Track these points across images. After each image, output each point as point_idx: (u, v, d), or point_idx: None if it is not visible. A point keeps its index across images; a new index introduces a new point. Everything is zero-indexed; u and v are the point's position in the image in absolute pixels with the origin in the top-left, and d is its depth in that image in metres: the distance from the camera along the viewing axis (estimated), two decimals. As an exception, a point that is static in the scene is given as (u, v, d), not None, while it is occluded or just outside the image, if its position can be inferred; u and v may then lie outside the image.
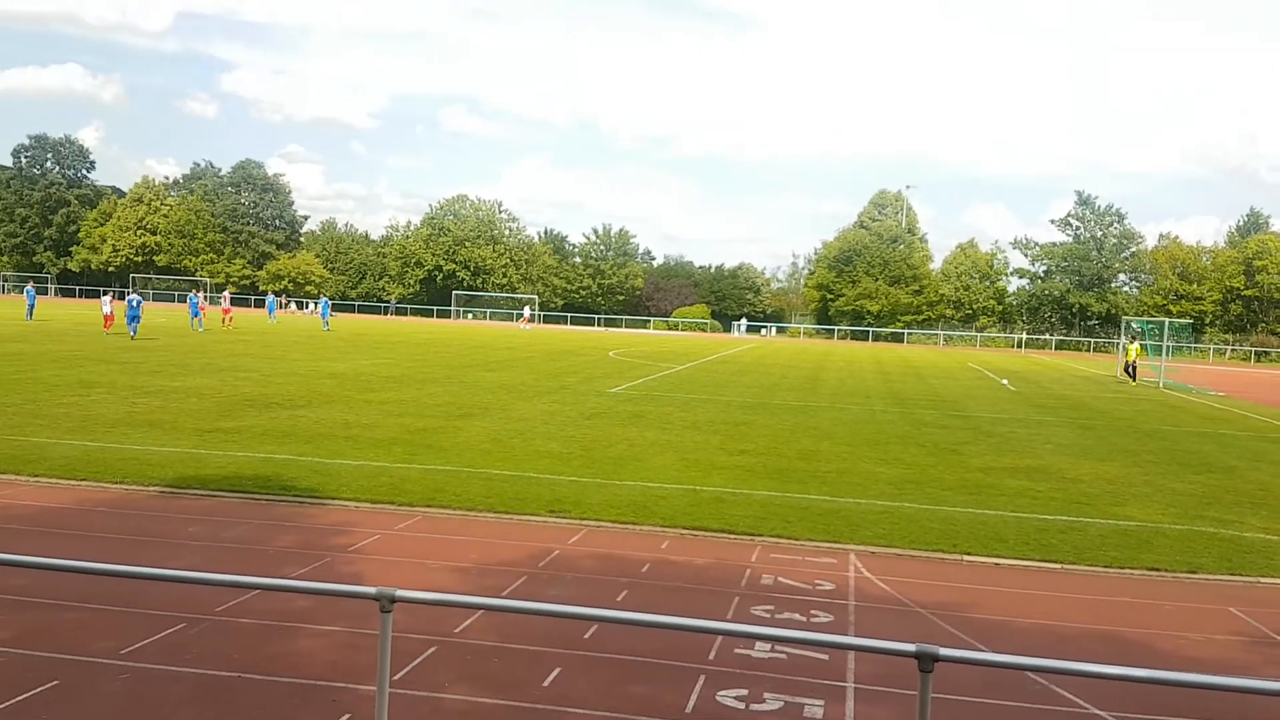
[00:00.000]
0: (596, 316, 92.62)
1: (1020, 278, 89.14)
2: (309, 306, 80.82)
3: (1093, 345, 78.44)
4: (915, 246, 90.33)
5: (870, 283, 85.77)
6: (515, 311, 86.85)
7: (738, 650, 6.45)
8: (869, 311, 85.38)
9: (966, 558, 9.22)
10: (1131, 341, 40.31)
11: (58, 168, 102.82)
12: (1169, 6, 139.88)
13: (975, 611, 7.65)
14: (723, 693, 5.83)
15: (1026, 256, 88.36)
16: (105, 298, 39.09)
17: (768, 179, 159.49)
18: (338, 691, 5.57)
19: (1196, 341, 73.23)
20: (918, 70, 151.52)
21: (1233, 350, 76.25)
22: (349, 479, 11.18)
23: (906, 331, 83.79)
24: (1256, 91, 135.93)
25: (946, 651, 3.56)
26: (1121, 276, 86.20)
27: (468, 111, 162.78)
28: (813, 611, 7.46)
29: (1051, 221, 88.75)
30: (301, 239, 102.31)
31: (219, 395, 18.36)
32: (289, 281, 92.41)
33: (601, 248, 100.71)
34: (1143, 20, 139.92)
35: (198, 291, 51.68)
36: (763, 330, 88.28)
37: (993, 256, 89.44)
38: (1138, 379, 36.73)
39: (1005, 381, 34.78)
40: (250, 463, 11.91)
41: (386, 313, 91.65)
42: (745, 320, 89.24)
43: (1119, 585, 8.66)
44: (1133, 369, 37.27)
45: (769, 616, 7.29)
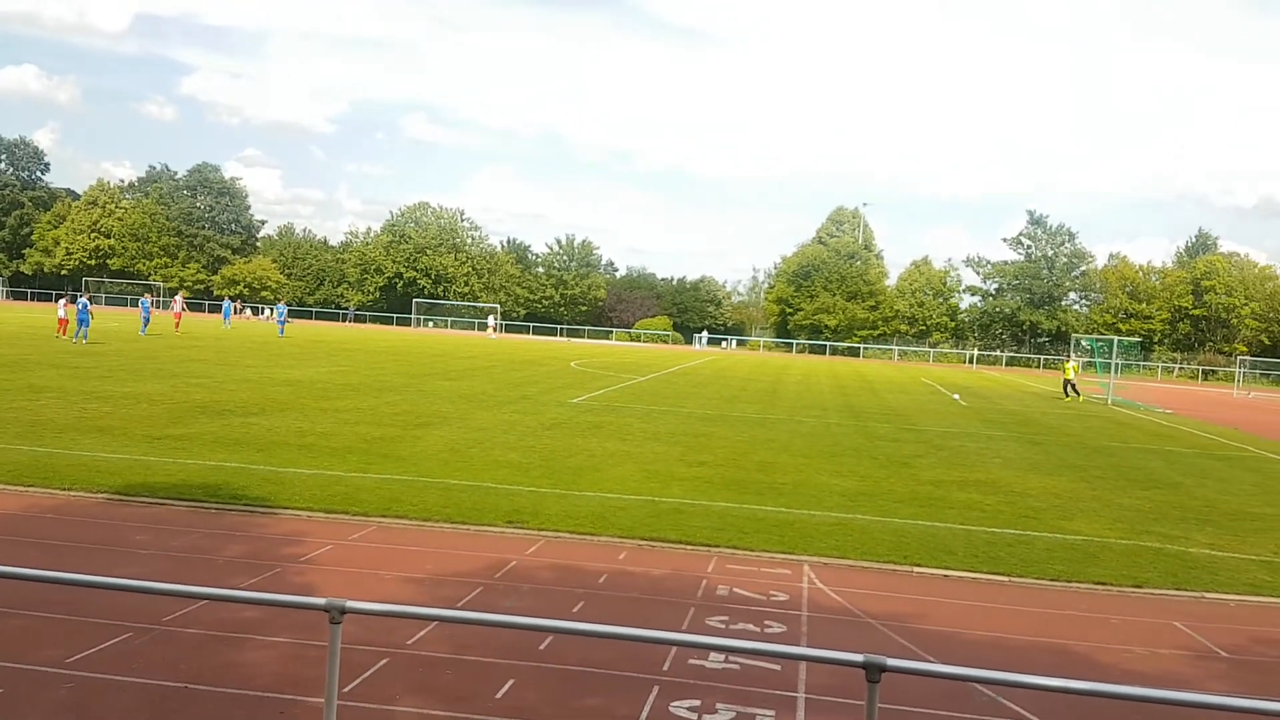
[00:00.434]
0: (559, 327, 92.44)
1: (972, 295, 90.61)
2: (265, 312, 79.77)
3: (1043, 362, 79.75)
4: (871, 263, 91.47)
5: (828, 298, 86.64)
6: (479, 321, 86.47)
7: (692, 661, 6.48)
8: (827, 326, 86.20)
9: (916, 569, 9.34)
10: (1067, 360, 41.43)
11: (11, 169, 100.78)
12: (1121, 31, 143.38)
13: (924, 623, 7.76)
14: (676, 703, 5.86)
15: (979, 274, 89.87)
16: (61, 301, 38.51)
17: (729, 194, 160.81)
18: (286, 703, 5.52)
19: (1145, 359, 74.81)
20: (875, 89, 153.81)
21: (1180, 368, 77.98)
22: (302, 488, 11.06)
23: (862, 346, 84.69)
24: (1206, 114, 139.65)
25: (894, 662, 3.62)
26: (1072, 295, 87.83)
27: (429, 120, 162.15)
28: (767, 622, 7.52)
29: (1004, 240, 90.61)
30: (258, 244, 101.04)
31: (170, 401, 18.07)
32: (244, 287, 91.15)
33: (564, 258, 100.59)
34: (1094, 44, 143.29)
35: (148, 296, 50.81)
36: (723, 343, 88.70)
37: (946, 274, 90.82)
38: (1075, 394, 37.42)
39: (957, 396, 35.27)
40: (200, 470, 11.75)
41: (345, 320, 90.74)
42: (706, 333, 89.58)
43: (1066, 598, 8.83)
44: (1071, 386, 38.02)
45: (724, 627, 7.34)
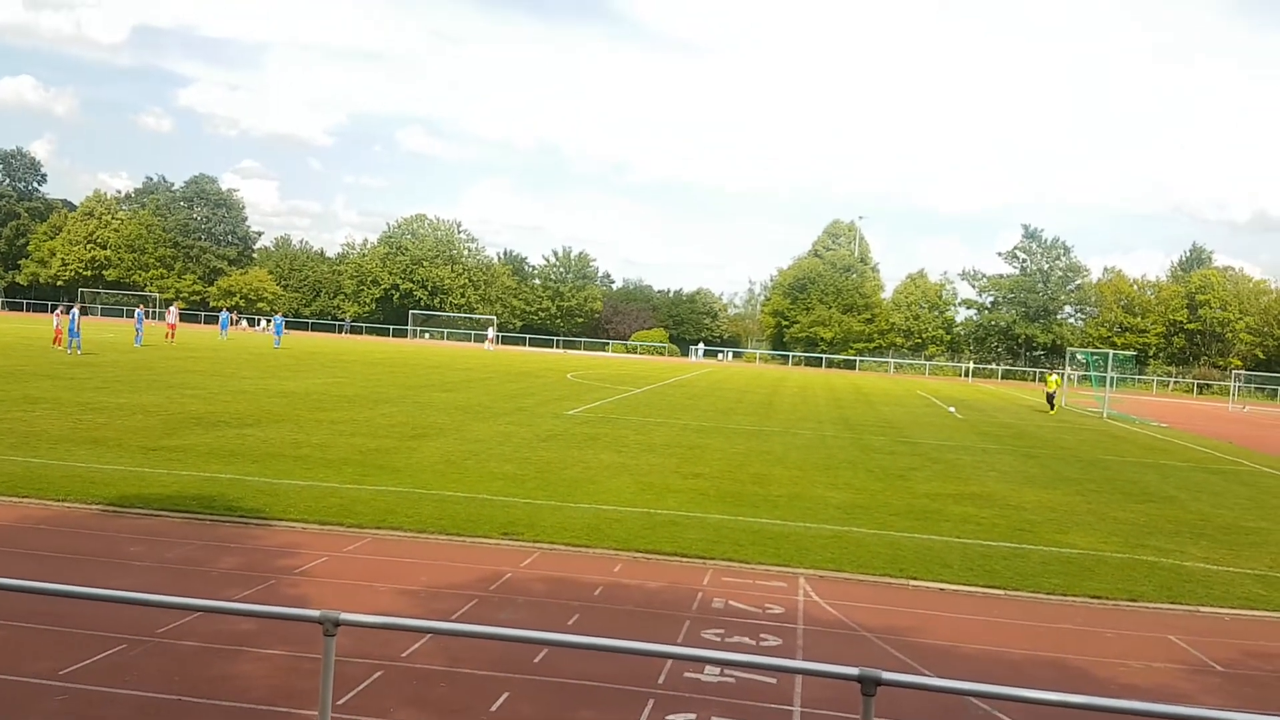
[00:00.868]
0: (555, 338, 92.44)
1: (968, 308, 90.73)
2: (261, 324, 79.70)
3: (1038, 375, 79.74)
4: (867, 276, 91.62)
5: (824, 310, 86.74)
6: (476, 332, 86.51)
7: (687, 674, 6.47)
8: (822, 338, 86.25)
9: (912, 582, 9.34)
10: (1050, 373, 41.72)
11: (8, 180, 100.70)
12: (1116, 44, 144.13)
13: (920, 636, 7.76)
14: (671, 716, 5.85)
15: (974, 288, 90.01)
16: (57, 312, 38.48)
17: (725, 206, 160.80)
18: (280, 716, 5.50)
19: (1140, 373, 74.87)
20: (870, 103, 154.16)
21: (1175, 382, 78.07)
22: (297, 499, 11.04)
23: (858, 359, 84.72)
24: (1200, 128, 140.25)
25: (889, 675, 3.62)
26: (1067, 308, 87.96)
27: (427, 132, 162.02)
28: (762, 635, 7.51)
29: (999, 254, 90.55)
30: (255, 255, 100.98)
31: (165, 413, 18.04)
32: (240, 298, 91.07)
33: (561, 270, 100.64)
34: (1089, 57, 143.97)
35: (142, 307, 50.78)
36: (719, 355, 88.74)
37: (941, 287, 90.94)
38: (1055, 407, 37.54)
39: (953, 409, 35.30)
40: (195, 482, 11.72)
41: (341, 331, 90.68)
42: (703, 345, 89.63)
43: (1062, 612, 8.83)
44: (1051, 399, 38.12)
45: (719, 640, 7.32)
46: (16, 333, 46.57)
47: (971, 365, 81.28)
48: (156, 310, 72.45)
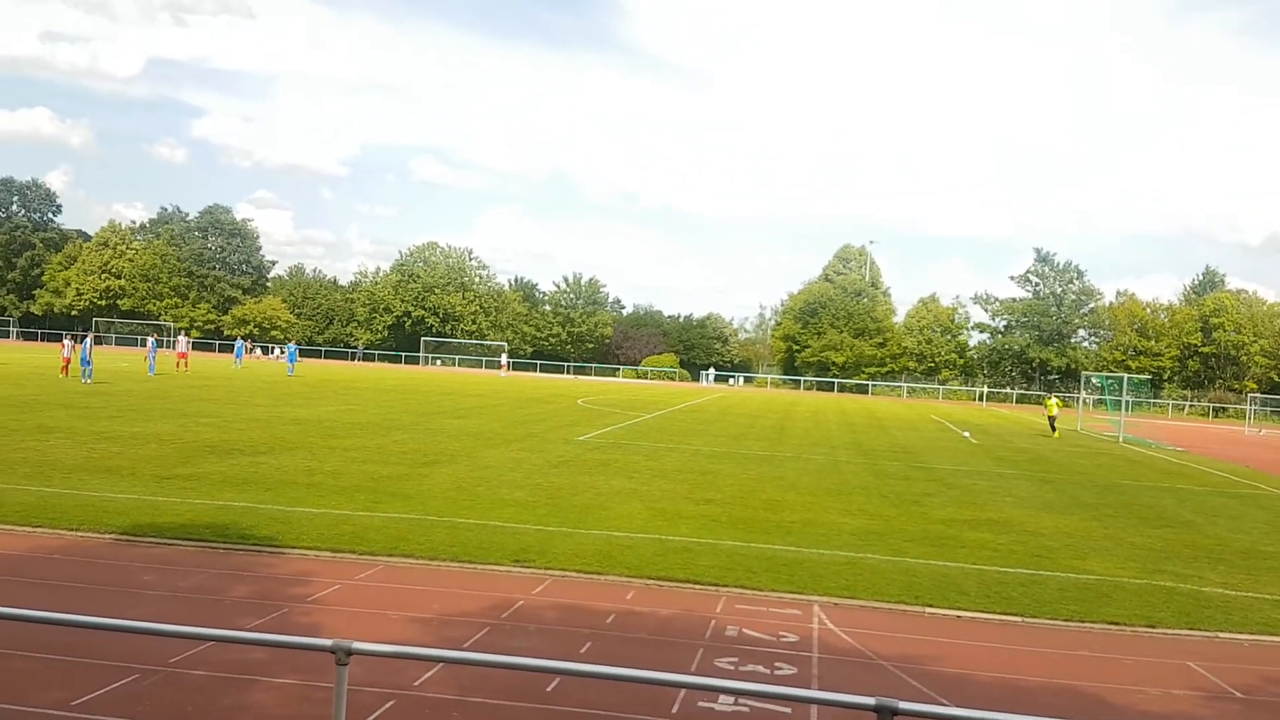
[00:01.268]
0: (566, 364, 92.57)
1: (981, 332, 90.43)
2: (275, 351, 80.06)
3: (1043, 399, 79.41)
4: (879, 300, 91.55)
5: (835, 335, 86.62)
6: (488, 358, 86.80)
7: (701, 703, 6.42)
8: (834, 363, 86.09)
9: (928, 610, 9.26)
10: (1049, 396, 41.85)
11: (23, 210, 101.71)
12: (1126, 67, 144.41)
13: (937, 664, 7.68)
14: (685, 746, 5.79)
15: (987, 311, 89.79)
16: (66, 342, 38.66)
17: (735, 232, 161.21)
18: (293, 745, 5.47)
19: (1155, 397, 74.44)
20: (881, 127, 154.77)
21: (1191, 406, 77.52)
22: (309, 527, 11.04)
23: (870, 383, 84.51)
24: (1212, 151, 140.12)
25: (906, 705, 3.58)
26: (1081, 332, 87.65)
27: (439, 161, 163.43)
28: (776, 664, 7.45)
29: (1011, 278, 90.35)
30: (268, 284, 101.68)
31: (178, 441, 18.11)
32: (254, 326, 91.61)
33: (571, 296, 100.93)
34: (1098, 79, 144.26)
35: (155, 335, 51.07)
36: (730, 380, 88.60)
37: (954, 311, 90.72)
38: (1057, 431, 37.44)
39: (967, 434, 35.12)
40: (208, 510, 11.74)
41: (354, 358, 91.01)
42: (713, 370, 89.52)
43: (1079, 639, 8.73)
44: (1053, 422, 37.97)
45: (733, 669, 7.27)
46: (31, 362, 46.91)
47: (985, 389, 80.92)
48: (170, 339, 72.87)
